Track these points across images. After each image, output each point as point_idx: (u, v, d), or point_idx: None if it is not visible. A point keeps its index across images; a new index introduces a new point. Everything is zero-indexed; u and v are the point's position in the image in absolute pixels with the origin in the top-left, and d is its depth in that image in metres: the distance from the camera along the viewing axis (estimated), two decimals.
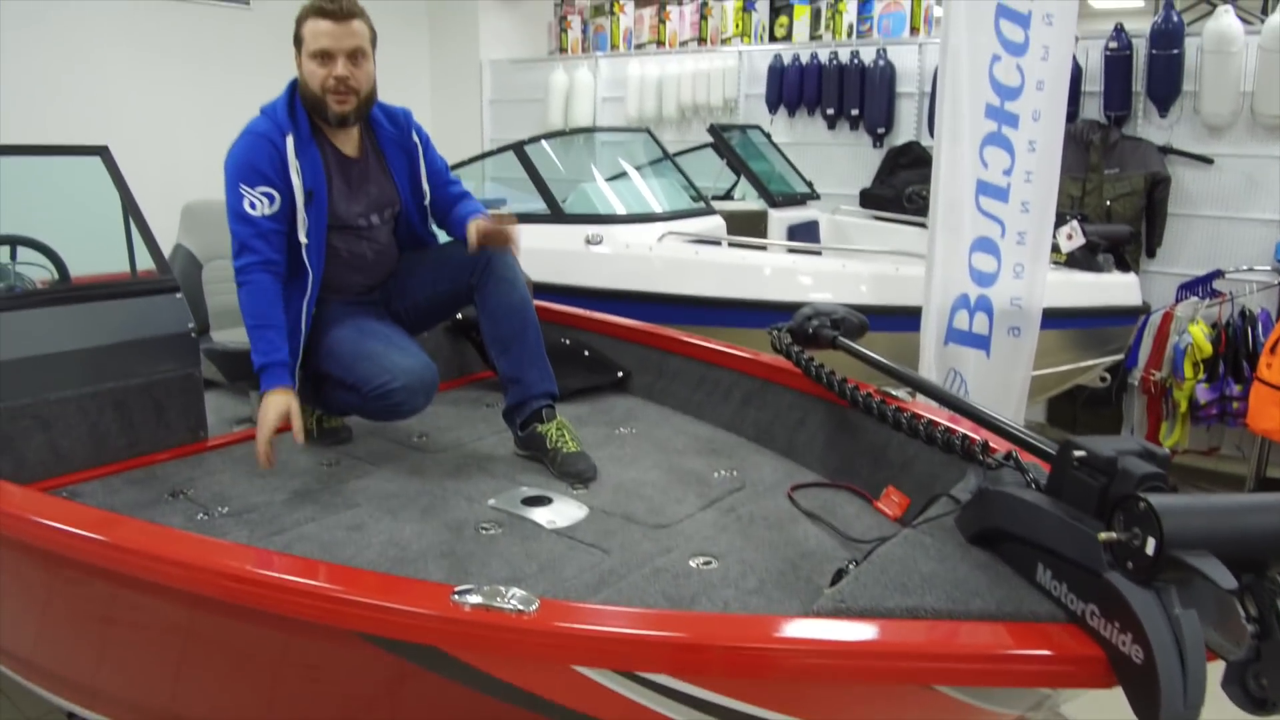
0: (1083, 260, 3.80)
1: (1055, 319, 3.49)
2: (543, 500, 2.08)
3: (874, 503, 2.05)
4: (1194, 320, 4.10)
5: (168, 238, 2.75)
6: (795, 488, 2.14)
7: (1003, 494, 1.41)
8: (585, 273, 4.04)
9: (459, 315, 2.87)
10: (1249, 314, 4.06)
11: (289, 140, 2.23)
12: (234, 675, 1.67)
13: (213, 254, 3.00)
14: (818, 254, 4.30)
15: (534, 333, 2.40)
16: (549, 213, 4.26)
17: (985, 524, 1.43)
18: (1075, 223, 3.72)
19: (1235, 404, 4.01)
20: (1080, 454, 1.30)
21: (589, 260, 4.07)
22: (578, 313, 3.14)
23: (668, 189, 4.54)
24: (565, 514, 2.01)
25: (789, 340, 2.37)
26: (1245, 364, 4.01)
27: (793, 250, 4.29)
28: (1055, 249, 3.57)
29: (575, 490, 2.15)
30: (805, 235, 4.92)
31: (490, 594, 1.28)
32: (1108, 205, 4.43)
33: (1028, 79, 3.10)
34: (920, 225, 4.40)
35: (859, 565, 1.47)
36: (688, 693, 1.26)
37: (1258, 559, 1.10)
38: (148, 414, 2.31)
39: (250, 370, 2.20)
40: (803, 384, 2.36)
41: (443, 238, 2.57)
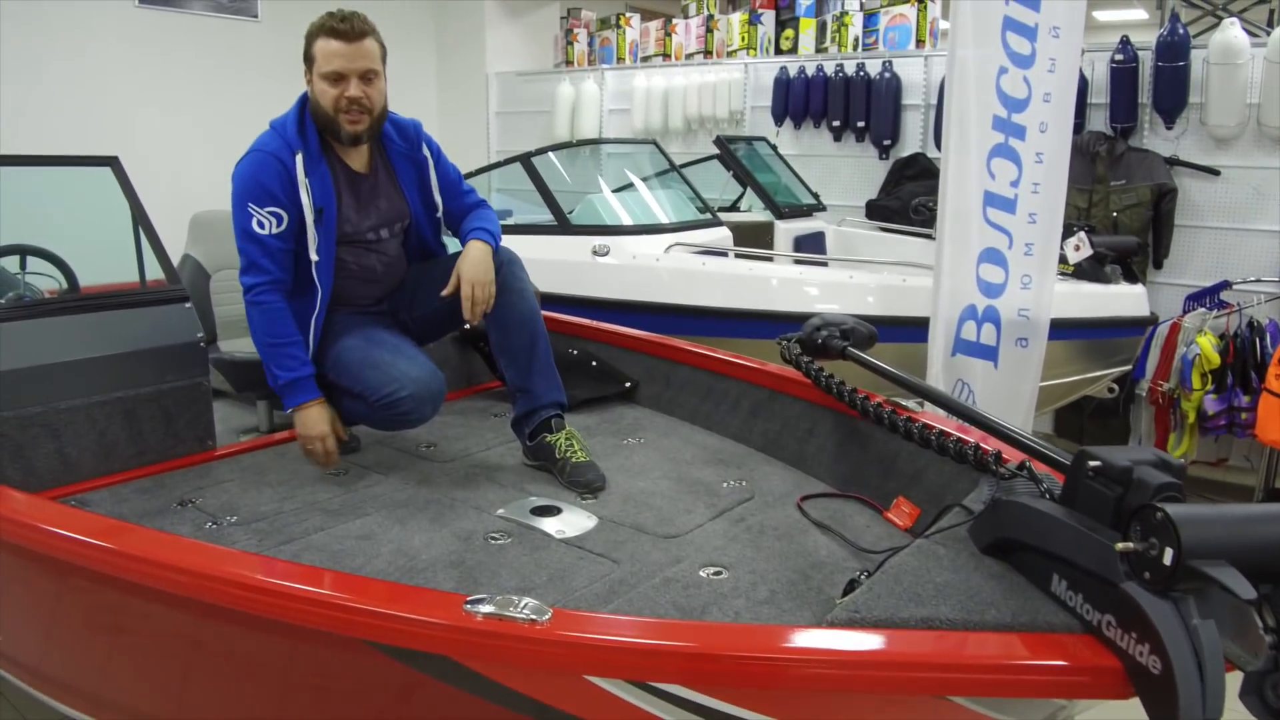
0: (1090, 271, 3.78)
1: (1063, 330, 3.48)
2: (552, 510, 2.07)
3: (884, 513, 2.04)
4: (1202, 331, 4.09)
5: (176, 248, 2.76)
6: (805, 498, 2.13)
7: (1017, 504, 1.40)
8: (592, 283, 4.04)
9: (467, 325, 2.87)
10: (1257, 325, 4.05)
11: (298, 158, 2.21)
12: (242, 684, 1.66)
13: (221, 264, 3.02)
14: (824, 265, 4.29)
15: (543, 343, 2.40)
16: (556, 224, 4.26)
17: (999, 534, 1.42)
18: (1082, 234, 3.71)
19: (1243, 415, 3.99)
20: (1095, 464, 1.29)
21: (596, 271, 4.07)
22: (586, 323, 3.14)
23: (674, 200, 4.54)
24: (574, 524, 2.00)
25: (798, 351, 2.37)
26: (1253, 375, 4.00)
27: (799, 261, 4.28)
28: (1063, 260, 3.57)
29: (584, 500, 2.15)
30: (812, 246, 4.92)
31: (503, 604, 1.28)
32: (1115, 217, 4.43)
33: (1035, 91, 3.11)
34: (926, 236, 4.40)
35: (872, 575, 1.46)
36: (701, 703, 1.25)
37: (1276, 569, 1.09)
38: (156, 423, 2.31)
39: (258, 380, 2.20)
40: (811, 394, 2.36)
41: (454, 247, 2.58)
